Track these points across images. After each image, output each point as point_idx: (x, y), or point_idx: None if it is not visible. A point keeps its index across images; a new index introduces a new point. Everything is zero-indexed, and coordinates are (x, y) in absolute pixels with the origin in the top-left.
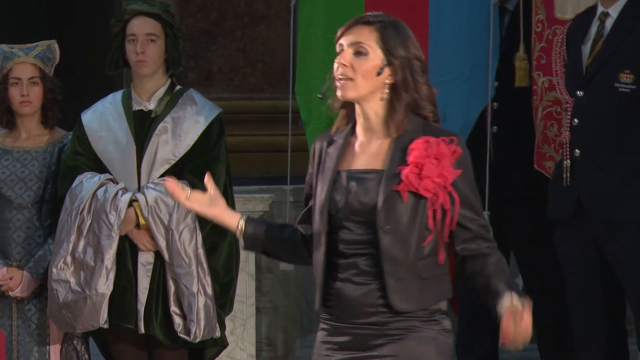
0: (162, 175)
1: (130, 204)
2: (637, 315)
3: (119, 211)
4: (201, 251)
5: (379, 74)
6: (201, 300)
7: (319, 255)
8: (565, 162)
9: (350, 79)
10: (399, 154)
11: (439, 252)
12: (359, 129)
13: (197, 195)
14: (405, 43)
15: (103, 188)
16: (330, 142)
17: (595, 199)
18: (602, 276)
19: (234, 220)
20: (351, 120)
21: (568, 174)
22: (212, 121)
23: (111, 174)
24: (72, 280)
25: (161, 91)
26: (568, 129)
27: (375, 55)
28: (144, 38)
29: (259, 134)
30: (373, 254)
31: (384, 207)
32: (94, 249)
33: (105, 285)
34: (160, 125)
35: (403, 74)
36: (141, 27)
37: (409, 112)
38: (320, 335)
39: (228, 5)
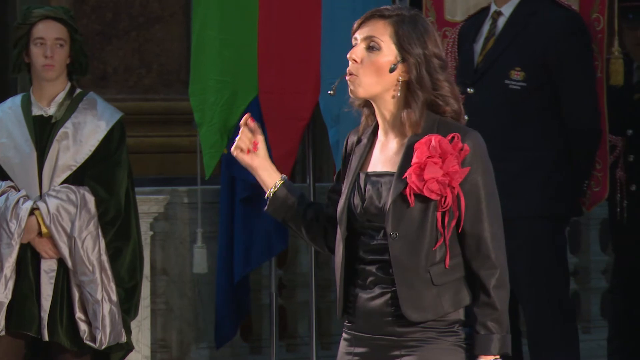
0: (64, 182)
1: (31, 212)
2: (526, 315)
3: (20, 220)
4: (105, 258)
5: (391, 70)
6: (106, 307)
7: (338, 261)
8: None
9: (357, 76)
10: (407, 155)
11: (446, 257)
12: (379, 129)
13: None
14: (423, 39)
15: (4, 196)
16: (359, 141)
17: None
18: None
19: (272, 180)
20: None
21: None
22: (113, 126)
23: (13, 181)
24: None
25: (61, 95)
26: None
27: (389, 51)
28: (52, 42)
29: (154, 134)
30: (387, 261)
31: (393, 212)
32: None
33: (3, 293)
34: (61, 131)
35: (418, 72)
36: (50, 31)
37: (425, 110)
38: (343, 345)
39: (122, 6)
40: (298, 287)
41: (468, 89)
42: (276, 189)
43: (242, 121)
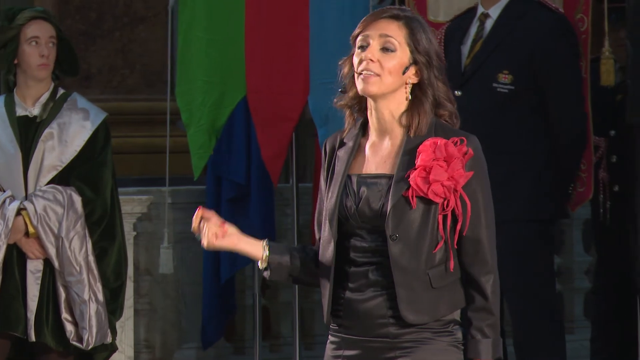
0: (50, 182)
1: (18, 213)
2: (513, 316)
3: (7, 220)
4: (91, 258)
5: (404, 72)
6: (92, 307)
7: (327, 264)
8: None
9: (377, 75)
10: (407, 157)
11: (450, 260)
12: (370, 130)
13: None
14: (430, 40)
15: None
16: (342, 144)
17: None
18: None
19: (257, 250)
20: (358, 120)
21: None
22: (98, 126)
23: None
24: None
25: (45, 96)
26: None
27: (403, 53)
28: (47, 41)
29: (137, 135)
30: (383, 263)
31: (393, 214)
32: None
33: None
34: (46, 131)
35: (428, 73)
36: (44, 31)
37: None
38: (329, 348)
39: (107, 6)
40: (281, 287)
41: (455, 92)
42: (267, 259)
43: (194, 218)
